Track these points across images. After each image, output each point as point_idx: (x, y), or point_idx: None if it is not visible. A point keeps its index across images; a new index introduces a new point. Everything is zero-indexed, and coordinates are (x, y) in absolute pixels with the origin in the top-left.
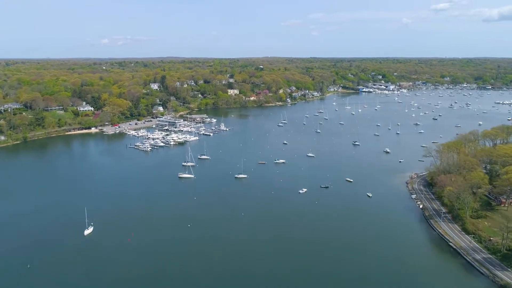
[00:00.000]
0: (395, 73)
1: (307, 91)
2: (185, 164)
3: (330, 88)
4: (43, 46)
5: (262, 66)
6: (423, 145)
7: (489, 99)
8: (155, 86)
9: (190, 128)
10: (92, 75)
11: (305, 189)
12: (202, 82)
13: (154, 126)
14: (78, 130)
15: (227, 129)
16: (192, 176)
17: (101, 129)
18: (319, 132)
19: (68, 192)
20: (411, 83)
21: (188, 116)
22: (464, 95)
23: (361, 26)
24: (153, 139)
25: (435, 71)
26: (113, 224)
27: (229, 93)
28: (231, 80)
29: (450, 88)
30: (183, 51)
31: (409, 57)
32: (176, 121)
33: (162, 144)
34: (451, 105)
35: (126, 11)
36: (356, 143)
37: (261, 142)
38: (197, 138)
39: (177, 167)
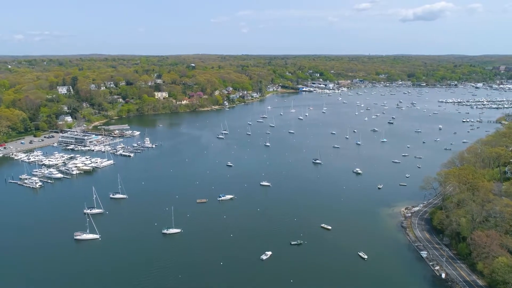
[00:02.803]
0: (332, 71)
1: (246, 92)
2: (87, 211)
3: (269, 88)
4: None
5: (194, 64)
6: (395, 161)
7: (430, 97)
8: (63, 90)
9: (104, 146)
10: None
11: (270, 252)
12: (124, 83)
13: (55, 144)
14: None
15: (154, 146)
16: (97, 236)
17: None
18: (268, 145)
19: None
20: (349, 81)
21: (104, 127)
22: (404, 93)
23: (290, 24)
24: (48, 166)
25: (370, 68)
26: None
27: (156, 97)
28: (159, 81)
29: (387, 86)
30: (109, 48)
31: (337, 54)
32: (86, 137)
33: (59, 175)
34: (398, 105)
35: (42, 3)
36: (317, 161)
37: (198, 165)
38: (112, 162)
39: (76, 216)
